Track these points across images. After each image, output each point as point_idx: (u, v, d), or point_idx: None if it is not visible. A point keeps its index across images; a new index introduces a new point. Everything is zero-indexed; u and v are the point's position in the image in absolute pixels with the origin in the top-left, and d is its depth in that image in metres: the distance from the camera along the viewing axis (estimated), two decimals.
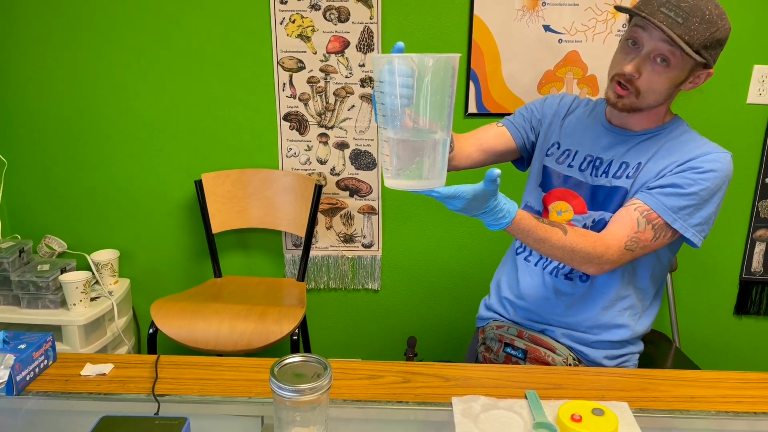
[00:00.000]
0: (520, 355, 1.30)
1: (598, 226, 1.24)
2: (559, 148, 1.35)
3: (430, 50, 1.99)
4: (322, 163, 2.12)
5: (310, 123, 2.08)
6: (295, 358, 0.84)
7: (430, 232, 2.18)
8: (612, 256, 1.16)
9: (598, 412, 0.90)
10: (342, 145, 2.09)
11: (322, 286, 2.25)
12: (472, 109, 2.03)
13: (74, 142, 2.12)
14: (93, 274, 2.10)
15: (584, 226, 1.27)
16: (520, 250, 1.39)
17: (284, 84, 2.04)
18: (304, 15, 1.97)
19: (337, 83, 2.03)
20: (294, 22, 1.97)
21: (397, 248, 2.20)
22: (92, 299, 2.03)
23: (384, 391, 1.03)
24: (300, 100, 2.05)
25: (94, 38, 2.02)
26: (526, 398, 0.98)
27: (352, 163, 2.11)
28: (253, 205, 2.12)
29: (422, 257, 2.21)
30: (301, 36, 1.99)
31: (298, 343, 1.78)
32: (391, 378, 1.07)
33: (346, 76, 2.02)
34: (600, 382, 1.07)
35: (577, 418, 0.89)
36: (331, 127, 2.08)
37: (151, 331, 1.79)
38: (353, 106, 2.05)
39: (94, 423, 0.83)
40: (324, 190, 2.13)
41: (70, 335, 1.95)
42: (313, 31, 1.98)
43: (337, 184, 2.14)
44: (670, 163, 1.18)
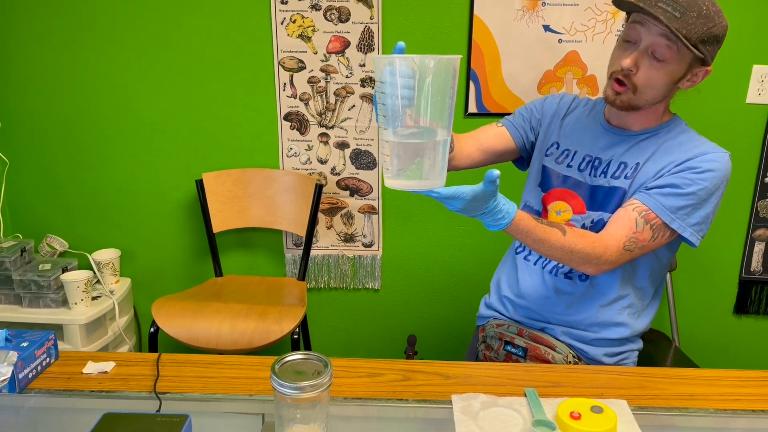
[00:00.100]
0: (521, 353, 1.31)
1: (597, 227, 1.25)
2: (558, 148, 1.35)
3: (431, 50, 1.99)
4: (323, 162, 2.12)
5: (311, 123, 2.08)
6: (296, 356, 0.85)
7: (431, 232, 2.19)
8: (611, 257, 1.16)
9: (597, 410, 0.91)
10: (342, 145, 2.10)
11: (322, 286, 2.26)
12: (472, 109, 2.04)
13: (75, 142, 2.13)
14: (94, 273, 2.10)
15: (583, 227, 1.27)
16: (519, 249, 1.39)
17: (285, 84, 2.05)
18: (305, 15, 1.97)
19: (337, 83, 2.04)
20: (294, 22, 1.98)
21: (398, 248, 2.21)
22: (93, 298, 2.03)
23: (384, 389, 1.03)
24: (300, 99, 2.06)
25: (95, 38, 2.02)
26: (526, 396, 0.99)
27: (353, 163, 2.12)
28: (254, 205, 2.13)
29: (422, 257, 2.22)
30: (301, 36, 2.00)
31: (299, 342, 1.79)
32: (392, 376, 1.07)
33: (347, 76, 2.03)
34: (599, 380, 1.07)
35: (576, 416, 0.89)
36: (332, 127, 2.08)
37: (152, 330, 1.79)
38: (353, 105, 2.05)
39: (96, 420, 0.84)
40: (324, 190, 2.14)
41: (71, 334, 1.96)
42: (314, 31, 1.99)
43: (338, 184, 2.14)
44: (668, 163, 1.19)
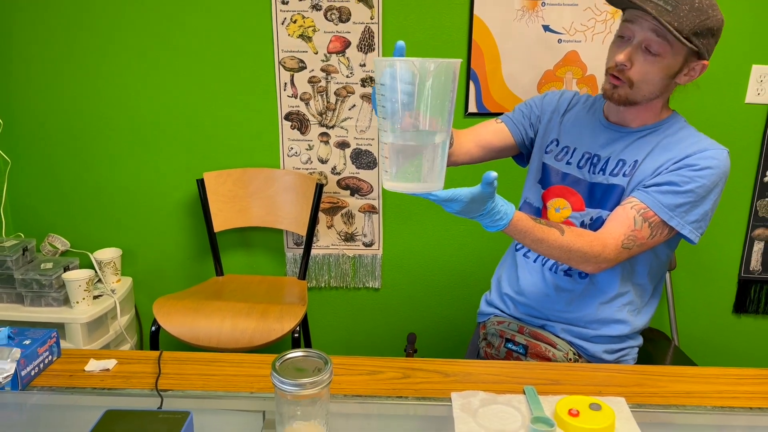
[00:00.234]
0: (521, 351, 1.31)
1: (596, 224, 1.25)
2: (557, 145, 1.36)
3: (431, 50, 2.00)
4: (323, 162, 2.13)
5: (311, 122, 2.09)
6: (297, 353, 0.85)
7: (430, 231, 2.19)
8: (609, 255, 1.17)
9: (596, 407, 0.91)
10: (343, 145, 2.11)
11: (323, 285, 2.27)
12: (472, 108, 2.04)
13: (77, 142, 2.14)
14: (96, 272, 2.11)
15: (582, 224, 1.28)
16: (519, 247, 1.40)
17: (285, 84, 2.05)
18: (306, 15, 1.98)
19: (338, 83, 2.04)
20: (295, 22, 1.99)
21: (398, 247, 2.21)
22: (95, 297, 2.04)
23: (384, 387, 1.04)
24: (301, 99, 2.07)
25: (97, 38, 2.03)
26: (525, 393, 0.99)
27: (353, 163, 2.12)
28: (255, 204, 2.14)
29: (422, 256, 2.22)
30: (302, 36, 2.00)
31: (300, 340, 1.79)
32: (391, 374, 1.08)
33: (347, 76, 2.04)
34: (597, 378, 1.08)
35: (574, 413, 0.90)
36: (332, 127, 2.09)
37: (153, 329, 1.80)
38: (354, 105, 2.06)
39: (99, 417, 0.84)
40: (325, 189, 2.15)
41: (73, 333, 1.96)
42: (314, 31, 1.99)
43: (338, 184, 2.15)
44: (666, 161, 1.19)
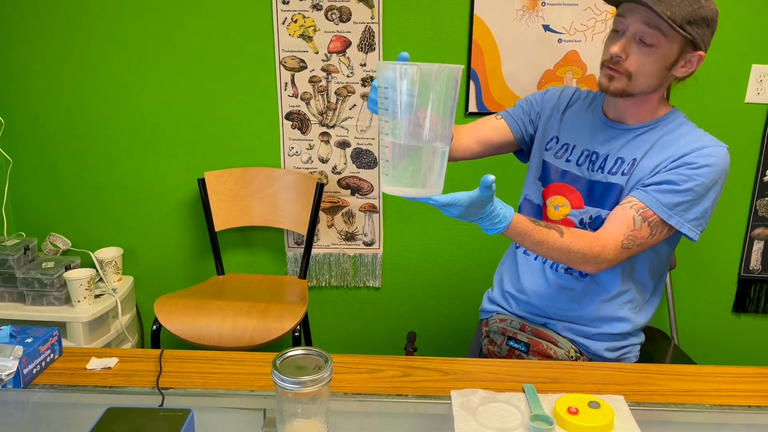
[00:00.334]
0: (523, 349, 1.32)
1: (595, 223, 1.26)
2: (557, 143, 1.36)
3: (431, 50, 2.00)
4: (324, 161, 2.13)
5: (312, 122, 2.09)
6: (297, 351, 0.86)
7: (431, 231, 2.20)
8: (609, 255, 1.17)
9: (594, 405, 0.92)
10: (343, 144, 2.11)
11: (323, 284, 2.27)
12: (473, 108, 2.05)
13: (78, 141, 2.14)
14: (97, 271, 2.11)
15: (581, 221, 1.28)
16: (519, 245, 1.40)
17: (286, 83, 2.06)
18: (306, 15, 1.98)
19: (338, 83, 2.05)
20: (296, 22, 1.99)
21: (398, 246, 2.22)
22: (96, 296, 2.05)
23: (384, 385, 1.04)
24: (302, 99, 2.07)
25: (98, 38, 2.03)
26: (524, 392, 1.00)
27: (354, 162, 2.13)
28: (256, 204, 2.14)
29: (423, 255, 2.23)
30: (302, 36, 2.01)
31: (300, 339, 1.80)
32: (391, 372, 1.08)
33: (348, 76, 2.04)
34: (597, 376, 1.08)
35: (573, 411, 0.90)
36: (333, 126, 2.09)
37: (154, 328, 1.80)
38: (354, 105, 2.06)
39: (100, 415, 0.85)
40: (325, 189, 2.15)
41: (74, 332, 1.97)
42: (315, 30, 2.00)
43: (339, 183, 2.15)
44: (664, 159, 1.19)
